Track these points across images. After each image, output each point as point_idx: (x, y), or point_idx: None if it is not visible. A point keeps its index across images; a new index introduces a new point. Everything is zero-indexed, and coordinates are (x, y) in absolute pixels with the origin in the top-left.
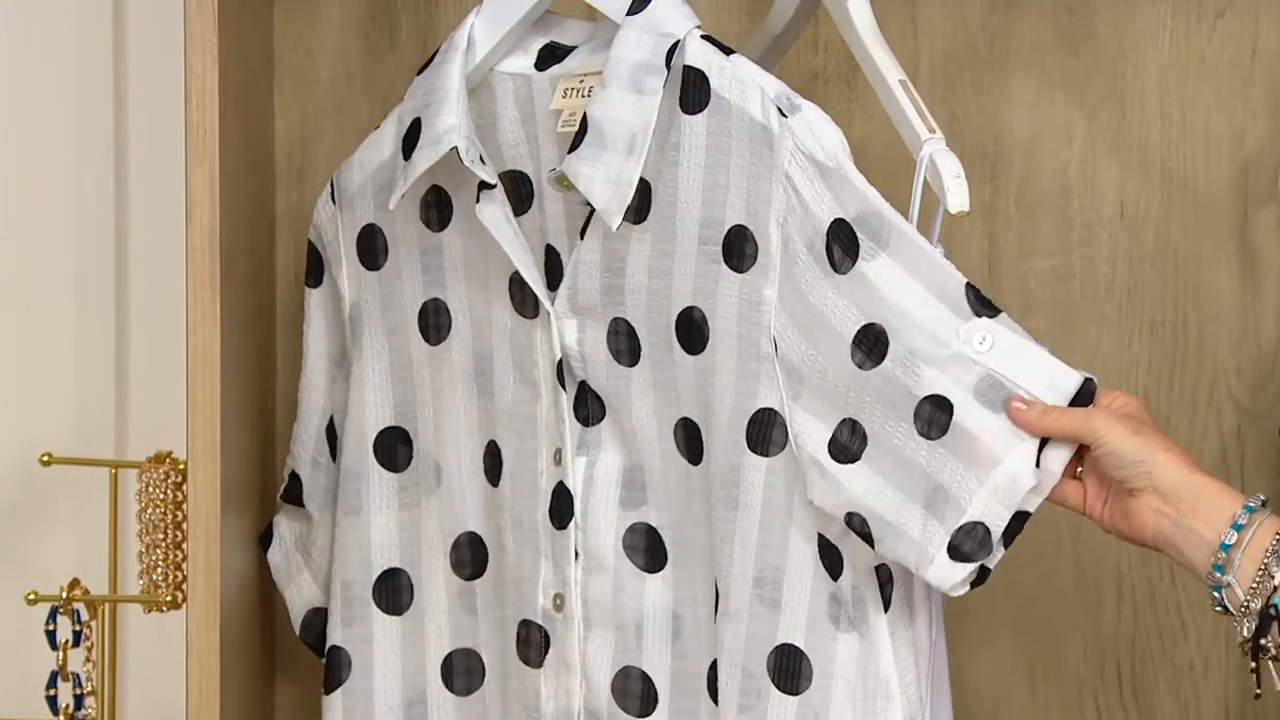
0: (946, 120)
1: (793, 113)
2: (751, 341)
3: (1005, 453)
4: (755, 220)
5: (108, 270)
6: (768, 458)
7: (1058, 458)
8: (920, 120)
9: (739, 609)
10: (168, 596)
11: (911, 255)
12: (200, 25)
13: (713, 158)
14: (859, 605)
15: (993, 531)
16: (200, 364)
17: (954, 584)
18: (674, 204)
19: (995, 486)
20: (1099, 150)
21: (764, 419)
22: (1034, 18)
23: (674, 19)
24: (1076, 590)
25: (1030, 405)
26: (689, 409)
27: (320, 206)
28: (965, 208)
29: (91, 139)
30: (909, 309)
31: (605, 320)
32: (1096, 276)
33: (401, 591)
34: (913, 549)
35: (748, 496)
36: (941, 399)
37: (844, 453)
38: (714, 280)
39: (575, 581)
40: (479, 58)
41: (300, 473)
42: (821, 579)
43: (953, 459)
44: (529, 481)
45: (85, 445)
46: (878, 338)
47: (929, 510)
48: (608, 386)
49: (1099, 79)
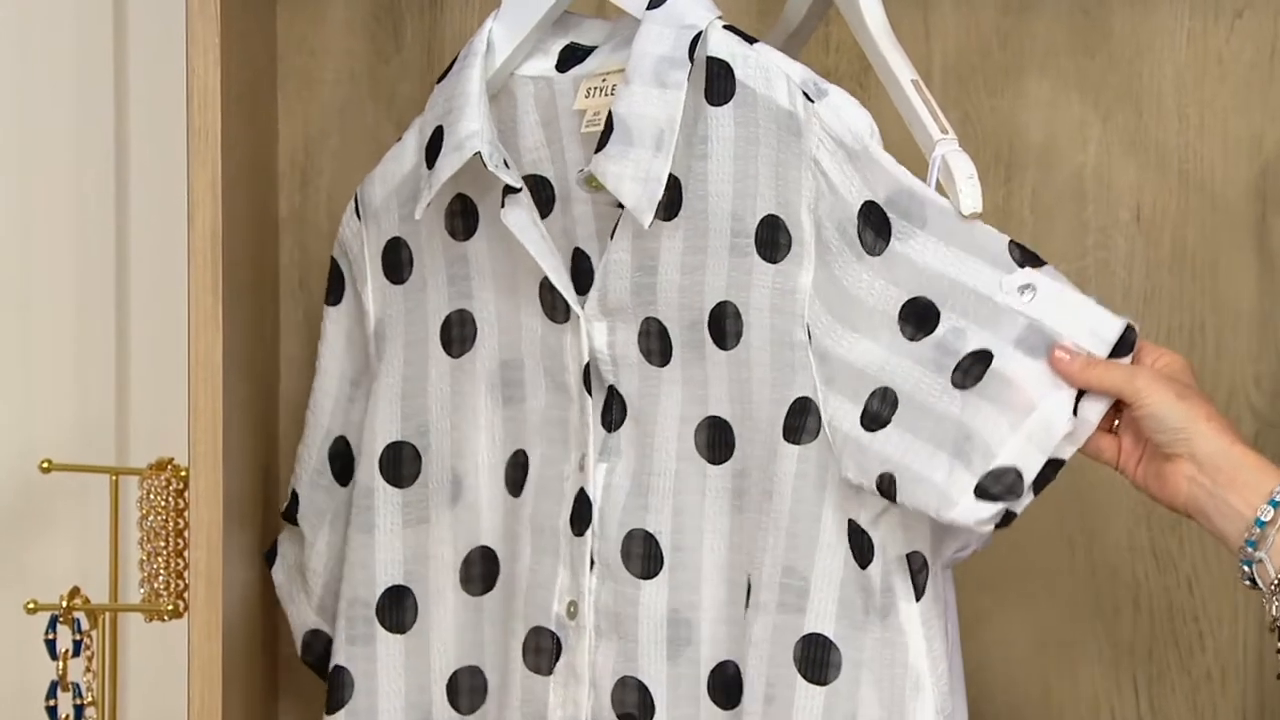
0: (960, 122)
1: (819, 97)
2: (785, 331)
3: (1042, 398)
4: (786, 209)
5: (108, 274)
6: (800, 446)
7: (1095, 408)
8: (933, 120)
9: (768, 600)
10: (169, 605)
11: (948, 225)
12: (202, 25)
13: (741, 149)
14: (888, 594)
15: (1024, 475)
16: (202, 369)
17: (980, 520)
18: (704, 198)
19: (1030, 432)
20: (1115, 152)
21: (800, 407)
22: (1048, 18)
23: (695, 11)
24: (1091, 600)
25: (1074, 356)
26: (718, 406)
27: (345, 222)
28: (978, 209)
29: (92, 141)
30: (952, 275)
31: (636, 321)
32: (1112, 281)
33: (406, 609)
34: (933, 493)
35: (780, 486)
36: (982, 351)
37: (875, 420)
38: (747, 273)
39: (590, 590)
40: (499, 62)
41: (298, 491)
42: (851, 568)
43: (987, 404)
44: (554, 488)
45: (85, 451)
46: (926, 309)
47: (956, 457)
48: (639, 388)
49: (1115, 80)
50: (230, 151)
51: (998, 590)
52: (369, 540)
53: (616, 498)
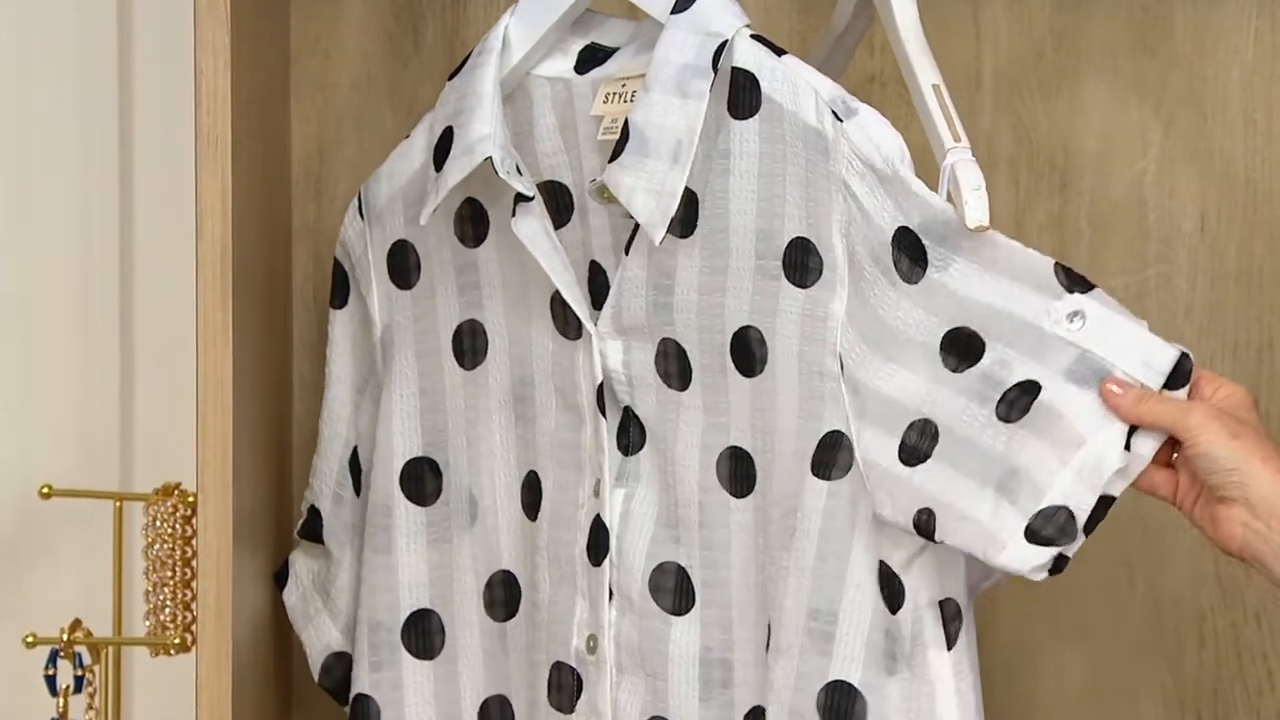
0: (1012, 127)
1: (848, 116)
2: (815, 360)
3: (1092, 432)
4: (817, 231)
5: (112, 288)
6: (829, 481)
7: (1149, 443)
8: (947, 128)
9: (790, 644)
10: (176, 639)
11: (987, 251)
12: (211, 26)
13: (766, 166)
14: (917, 642)
15: (1076, 516)
16: (211, 388)
17: (1035, 567)
18: (725, 216)
19: (1080, 467)
20: (1177, 159)
21: (832, 442)
22: (1105, 16)
23: (721, 18)
24: (1153, 635)
25: (1126, 389)
26: (740, 437)
27: (348, 222)
28: (985, 222)
29: (95, 148)
30: (996, 303)
31: (654, 341)
32: (1175, 295)
33: (433, 634)
34: (979, 535)
35: (806, 524)
36: (1029, 383)
37: (914, 455)
38: (773, 297)
39: (609, 623)
40: (514, 61)
41: (320, 507)
42: (881, 613)
43: (1034, 439)
44: (568, 514)
45: (88, 476)
46: (970, 339)
47: (1001, 493)
48: (656, 412)
49: (1177, 82)
50: (240, 159)
51: (1049, 621)
52: (389, 561)
53: (639, 526)
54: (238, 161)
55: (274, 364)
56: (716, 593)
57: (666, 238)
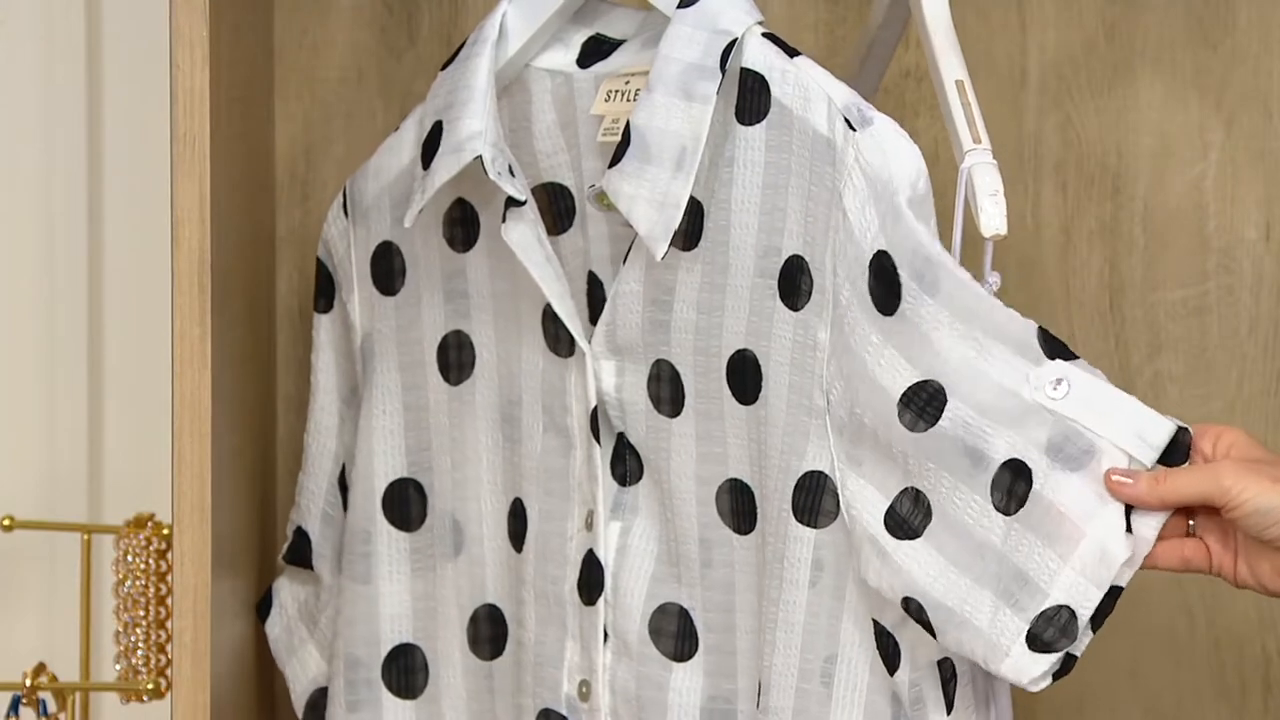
0: (1060, 127)
1: (863, 126)
2: (804, 392)
3: (1089, 520)
4: (811, 250)
5: (80, 303)
6: (816, 529)
7: (1150, 522)
8: (967, 128)
9: (782, 705)
10: (149, 684)
11: (967, 300)
12: (188, 17)
13: (771, 176)
14: (918, 705)
15: (1079, 615)
16: (188, 413)
17: (1034, 678)
18: (727, 229)
19: (1082, 563)
20: (1239, 161)
21: (812, 484)
22: (1162, 6)
23: (731, 13)
24: (1215, 680)
25: (1135, 476)
26: (739, 469)
27: (331, 219)
28: (1001, 231)
29: (59, 151)
30: (970, 359)
31: (647, 363)
32: (1237, 309)
33: (415, 671)
34: (980, 641)
35: (793, 574)
36: (1020, 464)
37: (903, 528)
38: (769, 319)
39: (604, 667)
40: (512, 51)
41: (308, 528)
42: (879, 674)
43: (1030, 535)
44: (556, 547)
45: (53, 506)
46: (932, 395)
47: (1001, 597)
48: (646, 440)
49: (1239, 78)
50: (220, 162)
51: (1105, 666)
52: (369, 591)
53: (637, 563)
54: (217, 165)
55: (256, 383)
56: (721, 637)
57: (669, 250)
